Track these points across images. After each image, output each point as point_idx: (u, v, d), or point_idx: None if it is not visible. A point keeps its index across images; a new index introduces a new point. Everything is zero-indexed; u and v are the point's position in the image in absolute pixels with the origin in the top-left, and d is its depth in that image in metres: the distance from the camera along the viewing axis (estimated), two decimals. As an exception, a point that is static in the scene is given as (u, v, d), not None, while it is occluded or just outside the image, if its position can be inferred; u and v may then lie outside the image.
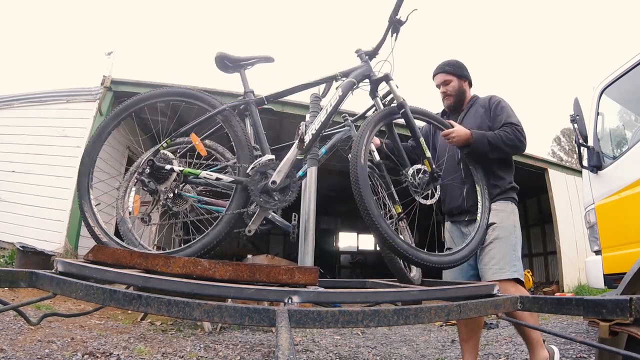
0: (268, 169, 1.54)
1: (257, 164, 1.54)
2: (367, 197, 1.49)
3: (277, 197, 1.53)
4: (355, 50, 1.88)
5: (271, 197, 1.52)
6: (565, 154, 28.07)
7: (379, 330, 4.23)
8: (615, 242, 2.91)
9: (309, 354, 3.19)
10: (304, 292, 1.20)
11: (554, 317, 4.82)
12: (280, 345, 0.72)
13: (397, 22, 1.79)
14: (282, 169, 1.53)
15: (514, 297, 1.36)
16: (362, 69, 1.80)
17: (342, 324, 1.05)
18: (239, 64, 1.75)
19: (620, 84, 3.17)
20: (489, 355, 3.12)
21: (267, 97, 1.75)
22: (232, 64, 1.74)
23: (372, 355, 3.23)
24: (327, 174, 7.60)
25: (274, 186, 1.50)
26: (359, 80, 1.78)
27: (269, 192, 1.52)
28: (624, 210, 2.82)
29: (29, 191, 5.91)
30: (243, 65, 1.76)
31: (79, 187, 1.70)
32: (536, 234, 11.66)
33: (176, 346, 3.05)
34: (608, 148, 3.31)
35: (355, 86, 1.76)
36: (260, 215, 1.56)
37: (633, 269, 1.55)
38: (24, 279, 1.25)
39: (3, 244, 5.64)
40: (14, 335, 2.74)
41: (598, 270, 3.01)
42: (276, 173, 1.52)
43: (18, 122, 6.37)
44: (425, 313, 1.13)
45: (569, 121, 3.06)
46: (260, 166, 1.53)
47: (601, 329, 1.16)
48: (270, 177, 1.52)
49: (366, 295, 1.37)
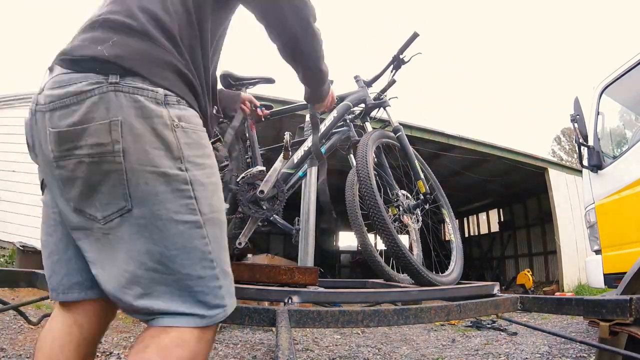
0: (256, 179, 1.57)
1: (247, 174, 1.57)
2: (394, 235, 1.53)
3: (265, 207, 1.55)
4: (354, 76, 1.98)
5: (259, 206, 1.55)
6: (565, 154, 28.06)
7: (379, 330, 4.24)
8: (615, 241, 2.91)
9: (309, 354, 3.19)
10: (304, 292, 1.20)
11: (554, 317, 4.83)
12: (280, 345, 0.72)
13: (400, 61, 1.90)
14: (269, 179, 1.56)
15: (514, 297, 1.36)
16: (358, 94, 1.89)
17: (342, 323, 1.05)
18: (241, 82, 1.80)
19: (621, 84, 3.16)
20: (488, 355, 3.12)
21: (264, 115, 1.82)
22: (235, 82, 1.79)
23: (372, 354, 3.24)
24: (327, 173, 7.57)
25: (262, 195, 1.53)
26: (355, 104, 1.87)
27: (257, 202, 1.55)
28: (624, 210, 2.82)
29: (29, 191, 5.91)
30: (245, 84, 1.81)
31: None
32: (536, 234, 11.66)
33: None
34: (608, 148, 3.31)
35: (350, 109, 1.84)
36: (250, 227, 1.59)
37: (633, 269, 1.55)
38: (24, 278, 1.25)
39: (3, 244, 5.65)
40: (14, 334, 2.74)
41: (598, 269, 3.01)
42: (264, 183, 1.55)
43: (18, 122, 6.36)
44: (425, 313, 1.13)
45: (569, 121, 3.06)
46: (249, 177, 1.57)
47: (601, 329, 1.16)
48: (259, 187, 1.55)
49: (366, 295, 1.38)
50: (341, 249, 17.92)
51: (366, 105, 1.90)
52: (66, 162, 0.72)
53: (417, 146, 6.46)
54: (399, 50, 1.88)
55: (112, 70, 0.71)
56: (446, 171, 9.22)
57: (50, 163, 0.75)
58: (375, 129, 1.85)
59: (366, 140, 1.66)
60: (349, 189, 1.83)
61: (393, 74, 1.94)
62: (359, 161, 1.59)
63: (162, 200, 0.72)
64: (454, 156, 8.46)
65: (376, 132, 1.80)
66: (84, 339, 0.85)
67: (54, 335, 0.84)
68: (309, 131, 1.86)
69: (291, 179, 1.68)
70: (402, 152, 1.88)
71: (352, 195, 1.80)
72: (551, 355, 3.00)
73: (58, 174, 0.74)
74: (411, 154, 1.86)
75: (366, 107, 1.90)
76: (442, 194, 2.06)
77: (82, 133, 0.70)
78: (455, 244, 1.92)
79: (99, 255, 0.75)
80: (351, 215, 1.77)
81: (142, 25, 0.76)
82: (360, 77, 1.96)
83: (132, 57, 0.73)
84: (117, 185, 0.71)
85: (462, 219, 15.78)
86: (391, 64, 1.91)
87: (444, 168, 8.98)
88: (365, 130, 1.88)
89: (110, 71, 0.71)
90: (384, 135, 1.86)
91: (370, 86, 1.97)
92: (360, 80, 1.95)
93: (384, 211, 1.53)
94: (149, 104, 0.72)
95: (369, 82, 1.95)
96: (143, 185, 0.71)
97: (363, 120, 1.92)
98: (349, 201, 1.79)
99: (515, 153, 8.74)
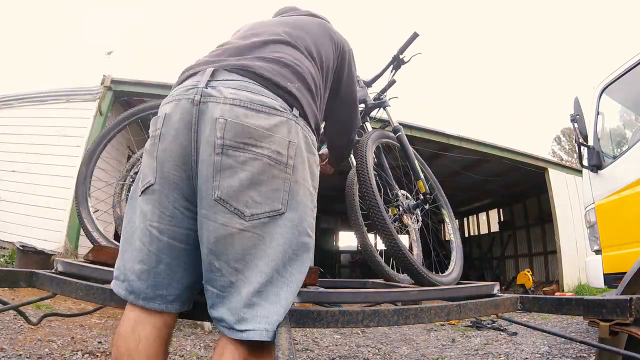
0: None
1: None
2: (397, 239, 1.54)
3: None
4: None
5: None
6: (565, 154, 28.05)
7: (379, 330, 4.23)
8: (615, 241, 2.91)
9: (309, 353, 3.19)
10: (304, 292, 1.20)
11: (554, 316, 4.83)
12: (280, 345, 0.72)
13: (400, 61, 1.91)
14: None
15: (514, 297, 1.36)
16: (358, 94, 1.87)
17: (342, 323, 1.05)
18: None
19: (621, 84, 3.16)
20: (488, 355, 3.12)
21: None
22: None
23: (372, 354, 3.23)
24: (326, 174, 7.58)
25: None
26: None
27: None
28: (624, 210, 2.82)
29: (29, 191, 5.91)
30: None
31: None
32: (536, 234, 11.66)
33: (176, 345, 3.05)
34: (608, 148, 3.31)
35: None
36: None
37: (633, 269, 1.55)
38: (24, 278, 1.25)
39: (3, 244, 5.64)
40: (14, 334, 2.74)
41: (598, 269, 3.01)
42: None
43: (18, 122, 6.37)
44: (425, 313, 1.13)
45: (569, 121, 3.05)
46: None
47: (601, 329, 1.16)
48: None
49: (366, 295, 1.38)
50: (341, 249, 17.91)
51: (366, 105, 1.91)
52: (239, 153, 0.81)
53: (417, 146, 6.47)
54: (399, 51, 1.88)
55: (295, 105, 0.91)
56: (446, 171, 9.21)
57: (185, 149, 0.84)
58: (375, 129, 1.85)
59: (366, 140, 1.66)
60: (349, 188, 1.83)
61: (393, 74, 1.94)
62: (359, 161, 1.58)
63: (307, 212, 0.89)
64: (454, 156, 8.45)
65: (376, 132, 1.80)
66: (163, 342, 0.88)
67: (138, 338, 0.85)
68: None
69: None
70: (402, 152, 1.88)
71: (352, 195, 1.80)
72: (551, 355, 3.00)
73: (218, 160, 0.81)
74: (411, 154, 1.86)
75: (366, 107, 1.91)
76: (441, 194, 2.06)
77: (267, 138, 0.83)
78: (455, 244, 1.92)
79: (225, 249, 0.81)
80: (351, 215, 1.76)
81: (310, 80, 0.98)
82: (360, 77, 1.96)
83: (305, 104, 0.93)
84: (278, 190, 0.83)
85: (462, 219, 15.77)
86: (391, 64, 1.91)
87: (444, 168, 8.97)
88: (365, 130, 1.88)
89: (294, 105, 0.91)
90: (383, 135, 1.86)
91: (370, 86, 1.97)
92: (360, 80, 1.95)
93: (384, 211, 1.53)
94: (310, 142, 0.93)
95: (368, 82, 1.96)
96: (301, 195, 0.87)
97: (363, 120, 1.92)
98: (348, 201, 1.79)
99: (515, 153, 8.73)
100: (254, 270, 0.80)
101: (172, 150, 0.85)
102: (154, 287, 0.86)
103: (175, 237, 0.86)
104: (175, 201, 0.86)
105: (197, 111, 0.84)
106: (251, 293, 0.79)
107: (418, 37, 1.85)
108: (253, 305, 0.79)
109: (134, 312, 0.88)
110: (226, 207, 0.80)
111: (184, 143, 0.85)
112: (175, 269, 0.87)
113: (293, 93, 0.91)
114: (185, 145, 0.85)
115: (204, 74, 0.89)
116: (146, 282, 0.86)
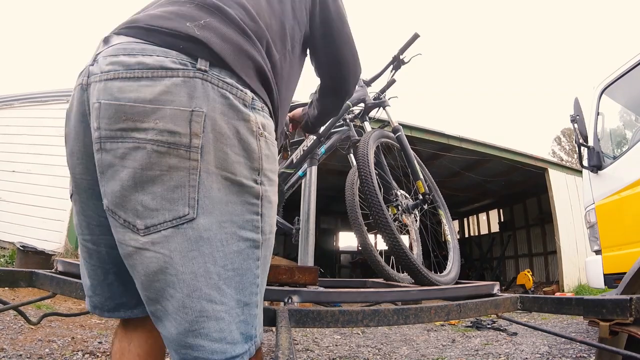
0: None
1: None
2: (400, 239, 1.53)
3: None
4: None
5: None
6: (565, 154, 28.06)
7: (379, 330, 4.23)
8: (615, 242, 2.91)
9: (309, 354, 3.19)
10: (304, 291, 1.20)
11: (554, 316, 4.83)
12: (280, 345, 0.72)
13: (400, 61, 1.91)
14: None
15: (514, 297, 1.36)
16: (357, 94, 1.89)
17: (342, 323, 1.05)
18: None
19: (621, 84, 3.16)
20: (489, 355, 3.11)
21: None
22: None
23: (372, 355, 3.23)
24: (327, 173, 7.61)
25: None
26: (354, 104, 1.88)
27: None
28: (624, 210, 2.82)
29: (30, 191, 5.92)
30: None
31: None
32: (536, 234, 11.67)
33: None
34: (608, 148, 3.31)
35: (349, 109, 1.86)
36: None
37: (633, 269, 1.55)
38: (24, 278, 1.25)
39: (4, 244, 5.65)
40: (15, 334, 2.74)
41: (598, 270, 3.01)
42: None
43: (18, 122, 6.39)
44: (425, 313, 1.13)
45: (569, 121, 3.06)
46: None
47: (601, 329, 1.16)
48: None
49: (366, 295, 1.37)
50: (341, 249, 17.91)
51: (365, 104, 1.90)
52: (116, 145, 0.59)
53: (417, 146, 6.45)
54: (399, 51, 1.88)
55: (201, 54, 0.62)
56: (446, 171, 9.22)
57: (88, 148, 0.65)
58: (374, 128, 1.86)
59: (367, 139, 1.66)
60: (349, 188, 1.83)
61: (393, 74, 1.94)
62: (360, 160, 1.58)
63: (229, 211, 0.62)
64: (454, 156, 8.45)
65: (376, 132, 1.80)
66: (145, 352, 0.83)
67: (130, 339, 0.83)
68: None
69: (291, 178, 1.67)
70: (401, 152, 1.88)
71: (352, 195, 1.80)
72: (551, 355, 3.00)
73: (98, 160, 0.61)
74: (411, 154, 1.86)
75: (365, 107, 1.90)
76: (439, 195, 2.06)
77: (151, 114, 0.58)
78: (452, 245, 1.93)
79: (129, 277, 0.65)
80: (351, 215, 1.76)
81: (237, 13, 0.69)
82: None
83: (224, 45, 0.64)
84: (181, 186, 0.59)
85: (462, 219, 15.77)
86: (391, 64, 1.92)
87: (444, 168, 8.98)
88: (364, 130, 1.88)
89: (198, 54, 0.62)
90: (383, 135, 1.86)
91: (370, 86, 1.96)
92: (360, 79, 1.95)
93: (385, 210, 1.53)
94: (237, 103, 0.63)
95: (368, 82, 1.95)
96: (216, 191, 0.61)
97: (362, 119, 1.92)
98: (349, 201, 1.79)
99: (515, 153, 8.74)
100: (174, 304, 0.60)
101: (77, 152, 0.69)
102: (111, 299, 0.78)
103: (113, 245, 0.67)
104: (96, 208, 0.70)
105: (87, 97, 0.65)
106: (182, 333, 0.60)
107: (419, 38, 1.85)
108: (192, 347, 0.60)
109: (119, 325, 0.87)
110: (115, 218, 0.61)
111: (86, 140, 0.67)
112: (126, 275, 0.69)
113: (195, 36, 0.62)
114: (87, 144, 0.66)
115: (98, 46, 0.69)
116: (102, 295, 0.77)
